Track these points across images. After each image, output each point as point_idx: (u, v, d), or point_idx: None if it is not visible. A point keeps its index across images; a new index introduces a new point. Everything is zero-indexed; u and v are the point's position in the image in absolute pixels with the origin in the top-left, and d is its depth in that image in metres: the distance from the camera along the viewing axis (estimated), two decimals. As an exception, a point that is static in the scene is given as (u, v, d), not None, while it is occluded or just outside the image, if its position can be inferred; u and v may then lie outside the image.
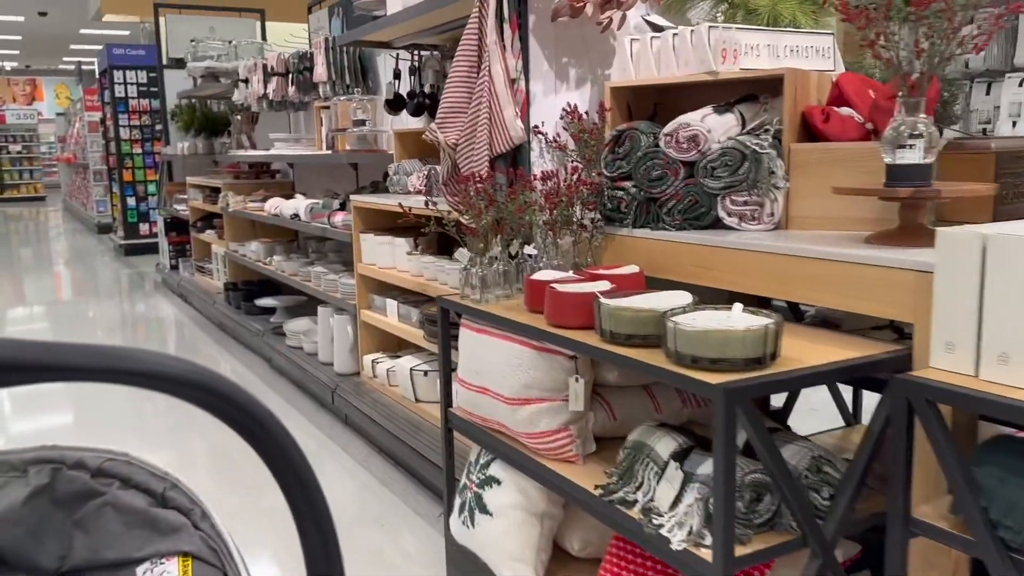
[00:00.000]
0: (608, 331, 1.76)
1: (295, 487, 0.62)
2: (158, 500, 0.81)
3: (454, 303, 2.37)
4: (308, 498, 0.63)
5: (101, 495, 0.80)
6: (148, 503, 0.81)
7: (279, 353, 4.73)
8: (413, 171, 3.80)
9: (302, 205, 4.50)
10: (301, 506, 0.62)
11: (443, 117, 2.60)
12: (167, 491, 0.81)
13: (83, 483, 0.80)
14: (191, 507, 0.81)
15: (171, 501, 0.81)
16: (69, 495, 0.80)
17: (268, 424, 0.59)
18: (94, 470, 0.80)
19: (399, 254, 3.56)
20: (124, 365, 0.53)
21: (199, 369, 0.56)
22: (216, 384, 0.56)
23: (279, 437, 0.60)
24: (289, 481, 0.62)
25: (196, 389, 0.55)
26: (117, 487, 0.81)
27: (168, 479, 0.82)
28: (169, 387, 0.54)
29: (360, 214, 3.87)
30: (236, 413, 0.57)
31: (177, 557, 0.79)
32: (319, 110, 5.04)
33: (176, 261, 7.75)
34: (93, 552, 0.80)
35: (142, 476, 0.82)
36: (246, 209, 5.54)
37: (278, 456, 0.61)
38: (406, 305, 3.59)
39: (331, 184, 5.55)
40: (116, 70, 10.08)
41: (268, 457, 0.60)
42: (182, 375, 0.55)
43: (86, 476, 0.80)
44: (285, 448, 0.61)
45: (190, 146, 7.14)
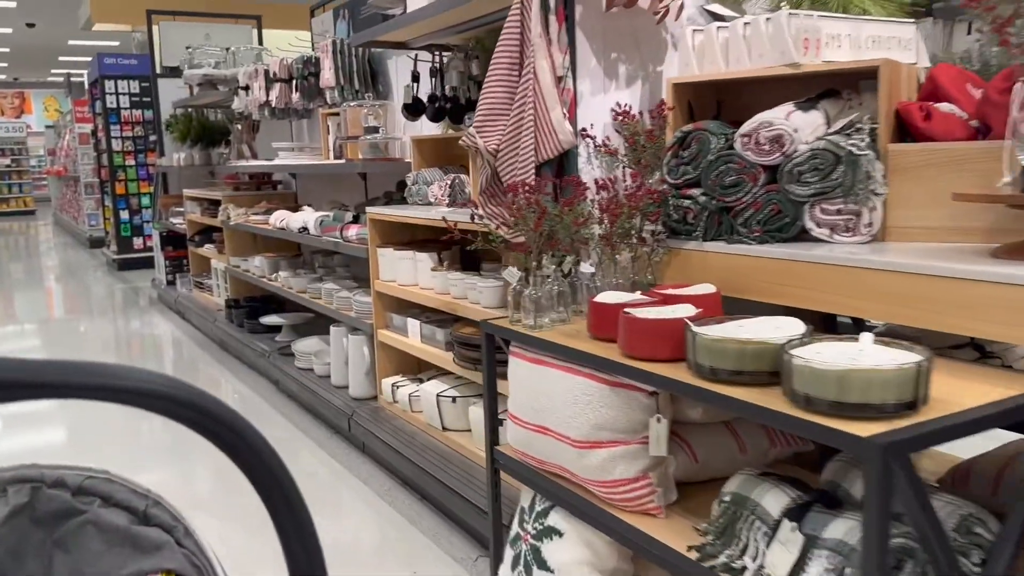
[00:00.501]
0: (706, 366, 1.49)
1: (278, 502, 0.60)
2: (140, 518, 0.80)
3: (503, 329, 2.10)
4: (292, 514, 0.61)
5: (82, 513, 0.79)
6: (130, 521, 0.80)
7: (287, 375, 4.45)
8: (434, 180, 3.53)
9: (311, 218, 4.22)
10: (284, 521, 0.61)
11: (482, 120, 2.33)
12: (149, 508, 0.80)
13: (64, 502, 0.79)
14: (174, 524, 0.80)
15: (153, 519, 0.80)
16: (49, 514, 0.79)
17: (248, 436, 0.58)
18: (75, 488, 0.80)
19: (422, 270, 3.29)
20: (100, 381, 0.51)
21: (176, 383, 0.55)
22: (193, 398, 0.55)
23: (259, 449, 0.58)
24: (272, 495, 0.60)
25: (173, 403, 0.54)
26: (98, 505, 0.80)
27: (150, 496, 0.81)
28: (146, 402, 0.53)
29: (377, 227, 3.59)
30: (216, 426, 0.56)
31: (160, 575, 0.78)
32: (325, 117, 4.76)
33: (173, 276, 7.45)
34: (75, 571, 0.79)
35: (123, 494, 0.81)
36: (248, 222, 5.25)
37: (259, 469, 0.59)
38: (430, 325, 3.31)
39: (337, 195, 5.27)
40: (108, 80, 9.78)
41: (249, 470, 0.58)
42: (158, 390, 0.53)
43: (67, 495, 0.79)
44: (266, 461, 0.59)
45: (186, 157, 6.86)
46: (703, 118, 2.22)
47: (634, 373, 1.65)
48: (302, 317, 5.14)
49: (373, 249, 3.60)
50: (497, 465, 2.21)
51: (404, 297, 3.40)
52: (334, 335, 4.01)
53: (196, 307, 6.41)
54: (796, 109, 1.98)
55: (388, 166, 3.82)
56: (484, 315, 2.80)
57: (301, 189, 5.93)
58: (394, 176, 4.50)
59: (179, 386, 0.55)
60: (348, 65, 4.44)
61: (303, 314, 5.21)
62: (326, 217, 4.19)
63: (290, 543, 0.62)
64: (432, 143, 3.70)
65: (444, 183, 3.42)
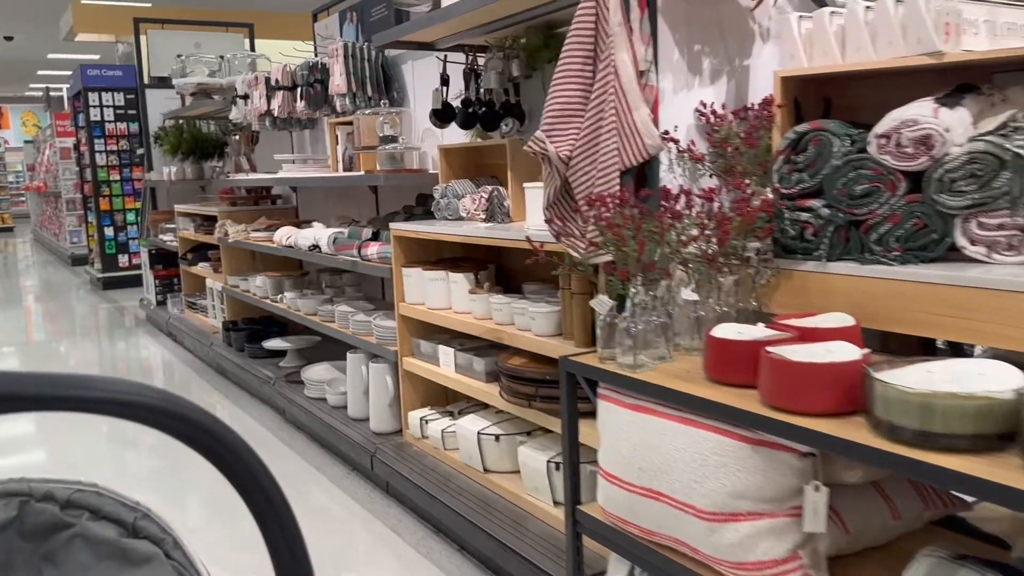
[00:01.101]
0: (906, 427, 1.17)
1: (264, 508, 0.59)
2: (129, 530, 0.79)
3: (593, 369, 1.76)
4: (277, 518, 0.59)
5: (71, 527, 0.79)
6: (119, 534, 0.79)
7: (295, 404, 4.08)
8: (465, 193, 3.19)
9: (323, 235, 3.87)
10: (270, 525, 0.59)
11: (552, 123, 2.00)
12: (138, 521, 0.79)
13: (52, 515, 0.79)
14: (163, 536, 0.79)
15: (142, 531, 0.79)
16: (38, 527, 0.79)
17: (232, 445, 0.57)
18: (63, 502, 0.79)
19: (457, 292, 2.95)
20: (80, 393, 0.51)
21: (160, 394, 0.55)
22: (175, 407, 0.55)
23: (245, 458, 0.57)
24: (257, 502, 0.59)
25: (155, 413, 0.54)
26: (87, 518, 0.79)
27: (139, 509, 0.80)
28: (128, 413, 0.53)
29: (402, 245, 3.25)
30: (199, 435, 0.55)
31: None
32: (334, 127, 4.42)
33: (163, 296, 7.05)
34: None
35: (112, 507, 0.80)
36: (249, 240, 4.89)
37: (244, 477, 0.58)
38: (466, 353, 2.97)
39: (344, 210, 4.92)
40: (91, 92, 9.38)
41: (233, 478, 0.58)
42: (139, 400, 0.53)
43: (55, 508, 0.79)
44: (251, 469, 0.58)
45: (177, 171, 6.49)
46: (811, 117, 1.91)
47: (791, 431, 1.32)
48: (308, 341, 4.78)
49: (398, 269, 3.26)
50: (580, 529, 1.87)
51: (435, 322, 3.06)
52: (351, 363, 3.65)
53: (189, 329, 6.02)
54: (940, 106, 1.67)
55: (412, 178, 3.48)
56: (536, 344, 2.47)
57: (303, 204, 5.57)
58: (409, 190, 4.16)
59: (161, 396, 0.54)
60: (361, 70, 4.11)
61: (309, 337, 4.84)
62: (340, 234, 3.84)
63: (278, 552, 0.59)
64: (461, 153, 3.37)
65: (479, 196, 3.08)
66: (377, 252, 3.42)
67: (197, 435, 0.56)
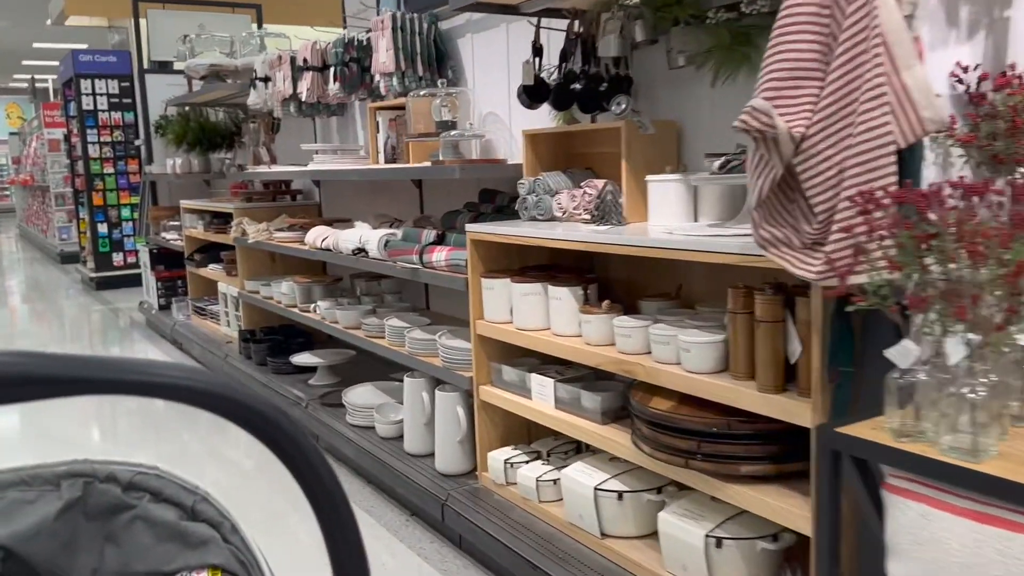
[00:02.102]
0: None
1: (319, 495, 0.57)
2: (188, 513, 0.80)
3: (894, 452, 1.19)
4: (334, 509, 0.57)
5: (132, 508, 0.80)
6: (178, 516, 0.80)
7: (335, 433, 3.49)
8: (560, 187, 2.62)
9: (372, 237, 3.28)
10: (325, 512, 0.57)
11: (776, 89, 1.43)
12: (197, 504, 0.80)
13: (114, 496, 0.80)
14: (221, 520, 0.79)
15: (201, 514, 0.80)
16: (101, 508, 0.79)
17: (294, 436, 0.56)
18: (125, 483, 0.80)
19: (562, 311, 2.37)
20: (138, 378, 0.51)
21: (215, 379, 0.54)
22: (231, 392, 0.54)
23: (309, 456, 0.56)
24: (313, 490, 0.57)
25: (213, 398, 0.53)
26: (148, 500, 0.80)
27: (198, 492, 0.81)
28: (188, 397, 0.53)
29: (480, 251, 2.67)
30: (256, 420, 0.54)
31: (207, 570, 0.77)
32: (374, 112, 3.83)
33: (167, 300, 6.43)
34: (124, 565, 0.78)
35: (172, 489, 0.81)
36: (272, 241, 4.29)
37: (299, 462, 0.56)
38: (570, 385, 2.40)
39: (380, 207, 4.33)
40: (83, 79, 8.72)
41: (296, 472, 0.56)
42: (200, 386, 0.53)
43: (117, 489, 0.80)
44: (312, 462, 0.56)
45: (183, 163, 5.86)
46: None
47: None
48: (342, 355, 4.19)
49: (476, 280, 2.68)
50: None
51: (530, 347, 2.48)
52: (410, 389, 3.06)
53: (198, 337, 5.41)
54: None
55: (492, 169, 2.89)
56: (690, 383, 1.90)
57: (327, 200, 4.97)
58: (464, 185, 3.58)
59: (220, 382, 0.53)
60: (411, 45, 3.51)
61: (342, 351, 4.25)
62: (392, 236, 3.25)
63: (335, 543, 0.57)
64: (551, 140, 2.79)
65: (582, 192, 2.51)
66: (446, 259, 2.84)
67: (260, 424, 0.53)
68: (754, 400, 1.75)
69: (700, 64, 2.30)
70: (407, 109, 3.42)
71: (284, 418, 0.55)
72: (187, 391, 0.52)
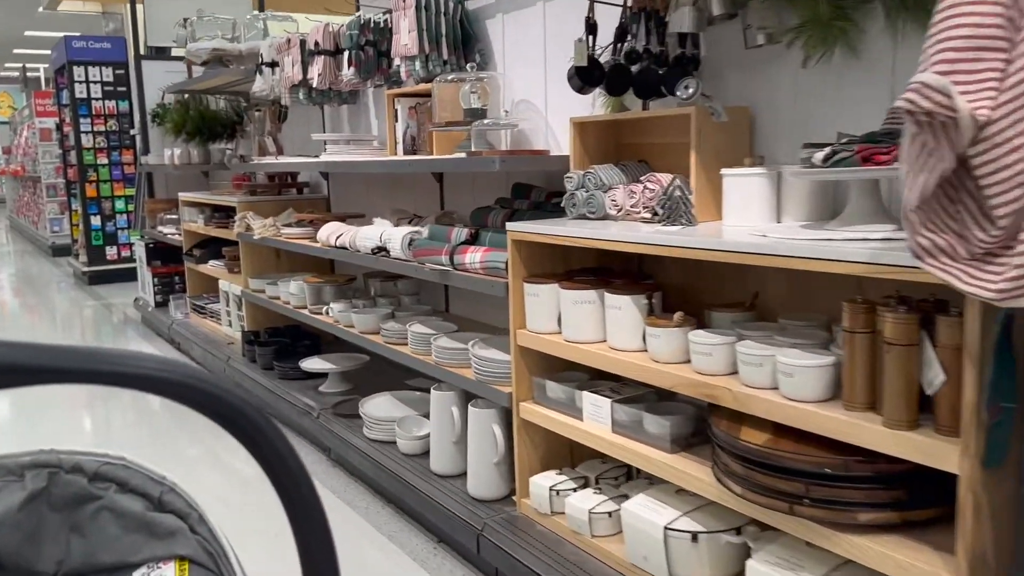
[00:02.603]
0: None
1: (285, 482, 0.57)
2: (155, 504, 0.79)
3: None
4: (300, 495, 0.57)
5: (98, 499, 0.78)
6: (145, 507, 0.78)
7: (349, 446, 3.20)
8: (613, 182, 2.32)
9: (394, 235, 2.98)
10: (295, 507, 0.57)
11: (953, 61, 1.13)
12: (164, 495, 0.79)
13: (80, 487, 0.78)
14: (188, 511, 0.79)
15: (168, 505, 0.79)
16: (66, 499, 0.78)
17: (261, 426, 0.55)
18: (91, 474, 0.78)
19: (623, 322, 2.08)
20: (105, 367, 0.50)
21: (184, 368, 0.53)
22: (200, 382, 0.53)
23: (267, 432, 0.55)
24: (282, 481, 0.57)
25: (181, 388, 0.53)
26: (114, 491, 0.78)
27: (165, 483, 0.79)
28: (155, 387, 0.52)
29: (522, 253, 2.38)
30: (224, 409, 0.54)
31: (174, 561, 0.76)
32: (393, 99, 3.52)
33: (164, 297, 6.11)
34: (90, 556, 0.77)
35: (139, 480, 0.79)
36: (280, 237, 3.98)
37: (272, 458, 0.56)
38: (630, 407, 2.11)
39: (394, 202, 4.03)
40: (76, 66, 8.37)
41: (262, 459, 0.56)
42: (167, 376, 0.52)
43: (83, 480, 0.78)
44: (279, 451, 0.56)
45: (182, 154, 5.54)
46: None
47: None
48: (355, 361, 3.89)
49: (517, 284, 2.39)
50: None
51: (584, 361, 2.19)
52: (438, 403, 2.77)
53: (197, 337, 5.10)
54: None
55: (535, 161, 2.59)
56: (791, 413, 1.61)
57: (336, 194, 4.66)
58: (490, 179, 3.28)
59: (188, 371, 0.53)
60: (435, 26, 3.21)
61: (355, 356, 3.95)
62: (416, 235, 2.95)
63: (303, 536, 0.57)
64: (601, 129, 2.49)
65: (641, 188, 2.22)
66: (481, 261, 2.54)
67: (223, 411, 0.53)
68: (880, 437, 1.46)
69: (785, 42, 2.01)
70: (432, 96, 3.12)
71: (248, 406, 0.54)
72: (154, 381, 0.51)
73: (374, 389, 3.58)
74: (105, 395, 4.74)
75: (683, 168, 2.23)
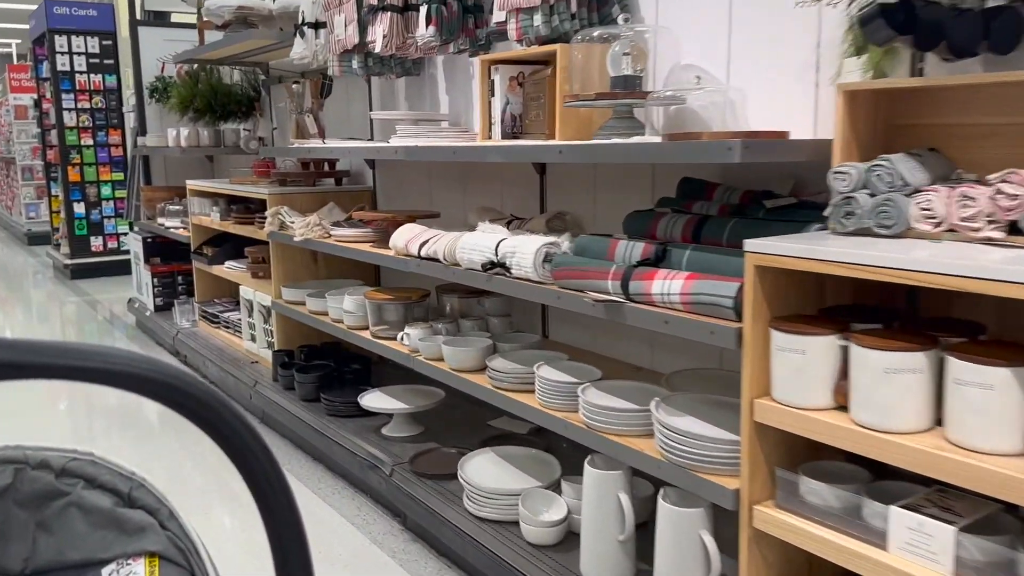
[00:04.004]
0: None
1: (259, 480, 0.56)
2: (124, 500, 0.78)
3: None
4: (274, 494, 0.56)
5: (66, 495, 0.77)
6: (114, 503, 0.78)
7: (442, 522, 2.38)
8: (918, 182, 1.51)
9: (522, 247, 2.14)
10: (268, 503, 0.57)
11: None
12: (133, 491, 0.78)
13: (47, 483, 0.77)
14: (158, 507, 0.78)
15: (137, 501, 0.78)
16: (33, 495, 0.77)
17: (231, 422, 0.55)
18: (58, 470, 0.77)
19: (993, 408, 1.28)
20: (82, 363, 0.49)
21: (159, 365, 0.52)
22: (174, 380, 0.52)
23: (245, 438, 0.55)
24: (253, 475, 0.56)
25: (156, 385, 0.52)
26: (82, 487, 0.78)
27: (134, 479, 0.78)
28: (130, 384, 0.51)
29: (766, 283, 1.57)
30: (198, 408, 0.53)
31: (144, 557, 0.76)
32: (489, 67, 2.68)
33: (166, 301, 5.21)
34: (58, 553, 0.77)
35: (108, 476, 0.78)
36: (329, 240, 3.14)
37: (244, 455, 0.55)
38: (992, 540, 1.30)
39: (470, 197, 3.19)
40: (58, 35, 7.37)
41: (234, 456, 0.56)
42: (142, 373, 0.51)
43: (50, 476, 0.77)
44: (251, 447, 0.56)
45: (189, 134, 4.64)
46: None
47: None
48: (429, 397, 3.05)
49: (758, 331, 1.58)
50: None
51: (902, 464, 1.38)
52: (597, 485, 1.95)
53: (209, 352, 4.23)
54: None
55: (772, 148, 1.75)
56: None
57: (384, 187, 3.81)
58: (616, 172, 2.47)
59: (162, 368, 0.52)
60: (563, -32, 2.37)
61: (425, 390, 3.12)
62: (551, 247, 2.12)
63: (275, 529, 0.57)
64: (875, 102, 1.68)
65: (988, 193, 1.41)
66: (685, 293, 1.72)
67: (192, 406, 0.52)
68: None
69: None
70: (558, 59, 2.29)
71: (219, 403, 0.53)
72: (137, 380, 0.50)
73: (452, 432, 2.77)
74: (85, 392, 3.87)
75: (1017, 161, 1.43)
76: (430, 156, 2.57)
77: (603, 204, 2.59)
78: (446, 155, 2.50)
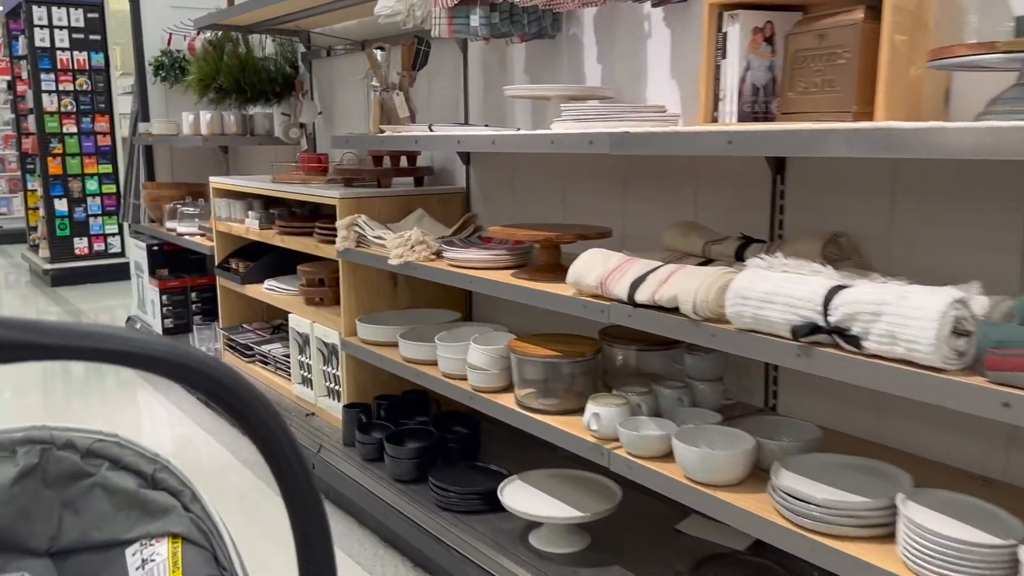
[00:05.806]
0: None
1: (283, 467, 0.53)
2: (148, 481, 0.77)
3: None
4: (296, 480, 0.54)
5: (91, 476, 0.76)
6: (138, 484, 0.77)
7: None
8: None
9: (913, 310, 1.22)
10: (289, 484, 0.54)
11: None
12: (157, 472, 0.77)
13: (73, 464, 0.76)
14: (181, 489, 0.77)
15: (161, 483, 0.77)
16: (58, 475, 0.76)
17: (256, 406, 0.52)
18: (84, 451, 0.77)
19: None
20: (108, 345, 0.47)
21: (185, 351, 0.49)
22: (202, 364, 0.50)
23: (263, 415, 0.52)
24: (277, 460, 0.53)
25: (182, 369, 0.49)
26: (107, 468, 0.77)
27: (159, 461, 0.78)
28: (157, 367, 0.49)
29: None
30: (223, 392, 0.51)
31: (167, 538, 0.76)
32: (720, 12, 1.75)
33: (180, 323, 4.19)
34: (83, 533, 0.76)
35: (132, 457, 0.78)
36: (443, 266, 2.19)
37: (267, 439, 0.53)
38: None
39: (629, 204, 2.26)
40: (36, 6, 6.28)
41: (257, 439, 0.53)
42: (169, 356, 0.49)
43: (76, 457, 0.76)
44: (273, 431, 0.53)
45: (212, 120, 3.64)
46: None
47: None
48: (599, 492, 2.12)
49: None
50: None
51: None
52: None
53: (242, 395, 3.25)
54: None
55: None
56: None
57: (481, 188, 2.86)
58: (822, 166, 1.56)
59: (189, 353, 0.49)
60: None
61: (591, 477, 2.18)
62: (959, 307, 1.20)
63: (297, 512, 0.54)
64: None
65: None
66: None
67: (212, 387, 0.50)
68: None
69: None
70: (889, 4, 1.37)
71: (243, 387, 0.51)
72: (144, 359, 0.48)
73: (631, 543, 1.84)
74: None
75: None
76: (659, 148, 1.63)
77: (907, 221, 1.69)
78: (700, 148, 1.55)
